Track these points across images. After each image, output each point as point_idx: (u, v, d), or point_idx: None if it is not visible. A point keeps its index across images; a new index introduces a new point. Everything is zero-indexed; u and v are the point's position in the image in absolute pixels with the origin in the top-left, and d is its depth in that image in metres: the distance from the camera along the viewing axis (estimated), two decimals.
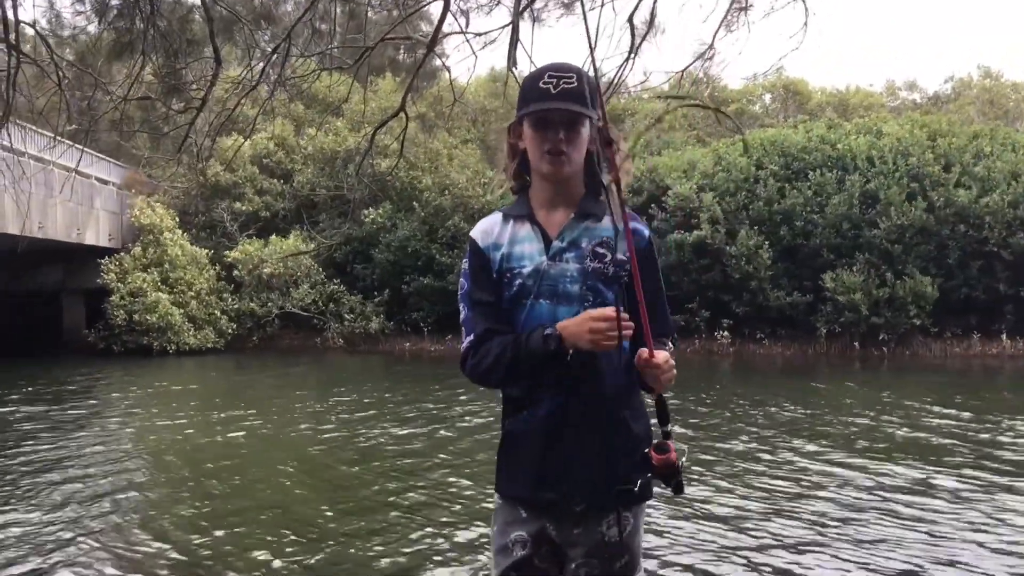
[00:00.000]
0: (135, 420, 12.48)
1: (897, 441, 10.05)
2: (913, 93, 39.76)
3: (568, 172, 2.42)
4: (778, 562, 5.55)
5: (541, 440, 2.39)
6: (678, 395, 13.36)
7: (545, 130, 2.39)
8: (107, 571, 5.56)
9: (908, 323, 21.22)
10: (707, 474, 8.18)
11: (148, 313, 22.74)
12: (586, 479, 2.35)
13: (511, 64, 6.30)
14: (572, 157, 2.40)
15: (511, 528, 2.48)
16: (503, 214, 2.53)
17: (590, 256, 2.38)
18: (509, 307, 2.44)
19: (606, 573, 2.38)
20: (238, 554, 5.89)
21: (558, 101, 2.36)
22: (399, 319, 25.15)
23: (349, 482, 8.31)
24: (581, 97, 2.36)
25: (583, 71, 2.45)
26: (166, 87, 5.73)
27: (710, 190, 22.89)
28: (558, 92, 2.37)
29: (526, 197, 2.51)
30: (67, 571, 5.55)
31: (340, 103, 15.41)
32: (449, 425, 11.52)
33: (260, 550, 5.97)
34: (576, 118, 2.37)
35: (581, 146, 2.40)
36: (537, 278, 2.40)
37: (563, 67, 2.42)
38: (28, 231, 19.11)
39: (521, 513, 2.46)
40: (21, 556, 5.87)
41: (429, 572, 5.48)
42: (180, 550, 6.01)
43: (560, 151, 2.38)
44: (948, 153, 22.41)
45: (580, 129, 2.39)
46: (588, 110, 2.37)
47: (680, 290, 22.45)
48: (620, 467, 2.34)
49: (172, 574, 5.54)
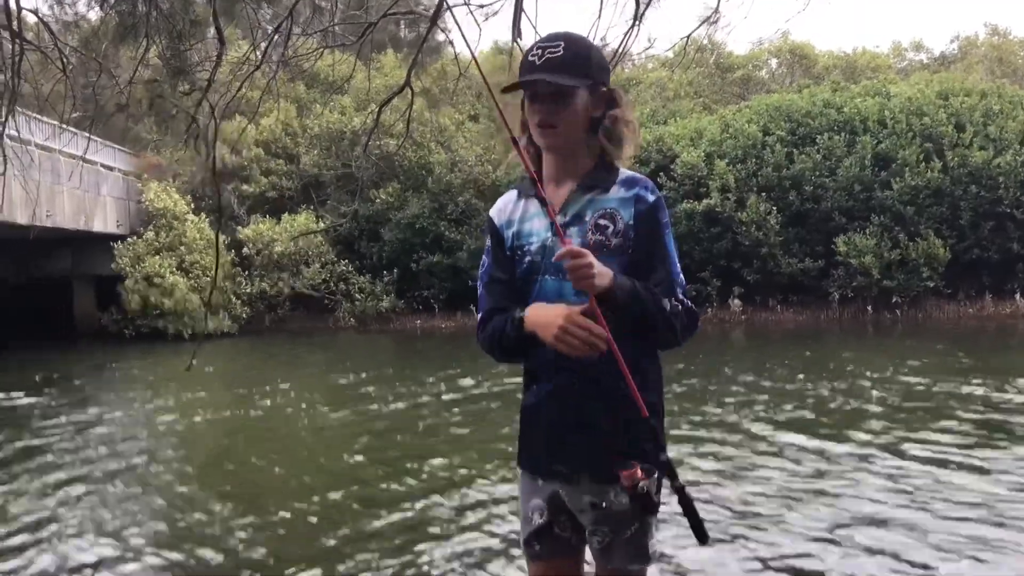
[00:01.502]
0: (156, 403, 12.52)
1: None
2: (920, 53, 39.39)
3: (559, 144, 2.38)
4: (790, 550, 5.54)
5: (548, 413, 2.40)
6: (690, 363, 13.35)
7: (534, 103, 2.35)
8: (130, 549, 5.57)
9: (921, 285, 21.13)
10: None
11: (164, 297, 22.76)
12: (592, 450, 2.34)
13: (515, 36, 6.21)
14: (561, 129, 2.35)
15: (530, 497, 2.51)
16: (517, 191, 2.52)
17: (592, 229, 2.34)
18: (522, 284, 2.43)
19: (616, 541, 2.38)
20: (264, 533, 5.91)
21: (540, 72, 2.31)
22: (409, 297, 25.14)
23: (366, 462, 8.32)
24: (566, 66, 2.30)
25: (575, 38, 2.40)
26: (171, 69, 5.69)
27: (718, 158, 22.76)
28: (542, 63, 2.32)
29: (537, 172, 2.46)
30: (88, 550, 5.57)
31: (344, 81, 15.29)
32: (464, 399, 11.53)
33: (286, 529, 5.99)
34: (561, 89, 2.31)
35: (572, 116, 2.34)
36: (544, 254, 2.38)
37: (552, 36, 2.38)
38: (37, 219, 19.14)
39: (538, 482, 2.49)
40: (42, 537, 5.89)
41: (462, 543, 5.48)
42: (200, 531, 6.04)
43: (547, 123, 2.34)
44: (960, 112, 22.22)
45: (568, 100, 2.32)
46: (574, 79, 2.31)
47: (691, 259, 22.37)
48: (623, 439, 2.32)
49: (194, 551, 5.55)
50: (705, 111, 28.05)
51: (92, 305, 24.90)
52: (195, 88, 5.71)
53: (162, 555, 5.53)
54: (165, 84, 5.81)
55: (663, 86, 29.45)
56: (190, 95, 5.67)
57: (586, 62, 2.34)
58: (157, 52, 5.62)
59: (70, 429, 10.37)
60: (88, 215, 22.74)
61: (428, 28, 6.57)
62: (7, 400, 13.00)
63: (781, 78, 34.87)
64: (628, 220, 2.34)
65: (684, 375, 12.49)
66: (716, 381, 12.39)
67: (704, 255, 22.49)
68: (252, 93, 8.38)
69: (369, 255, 25.42)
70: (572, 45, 2.35)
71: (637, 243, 2.34)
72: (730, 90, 32.94)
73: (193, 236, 24.26)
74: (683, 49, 7.01)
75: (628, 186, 2.38)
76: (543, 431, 2.42)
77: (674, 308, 2.31)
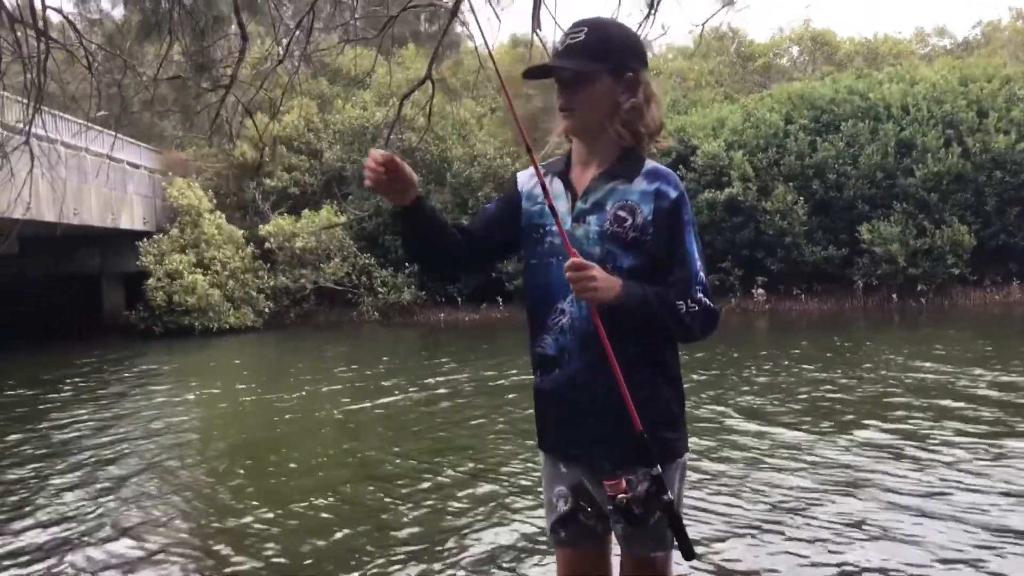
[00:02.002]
0: (183, 398, 12.63)
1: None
2: (943, 39, 39.00)
3: (576, 128, 2.40)
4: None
5: (556, 400, 2.41)
6: (715, 353, 13.34)
7: (557, 88, 2.38)
8: (155, 546, 5.65)
9: (946, 272, 20.98)
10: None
11: (187, 294, 22.99)
12: (611, 439, 2.34)
13: (535, 27, 6.23)
14: (579, 113, 2.36)
15: (553, 483, 2.51)
16: (544, 168, 2.49)
17: (612, 219, 2.34)
18: (539, 264, 2.43)
19: (639, 529, 2.36)
20: (304, 523, 5.99)
21: (560, 58, 2.34)
22: (432, 290, 25.23)
23: (399, 454, 8.39)
24: (586, 51, 2.31)
25: (601, 23, 2.41)
26: (195, 66, 5.76)
27: (739, 147, 22.66)
28: (563, 49, 2.35)
29: (569, 153, 2.49)
30: (125, 542, 5.67)
31: (366, 75, 15.38)
32: (489, 390, 11.59)
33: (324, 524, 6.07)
34: (579, 74, 2.33)
35: (589, 101, 2.35)
36: (561, 238, 2.35)
37: (578, 22, 2.38)
38: (64, 217, 19.35)
39: (561, 468, 2.48)
40: (79, 529, 6.00)
41: (495, 529, 5.54)
42: (225, 527, 6.12)
43: (565, 107, 2.36)
44: (981, 98, 22.00)
45: (585, 84, 2.33)
46: (591, 64, 2.31)
47: (713, 249, 22.31)
48: (632, 427, 2.26)
49: (220, 548, 5.63)
50: (727, 100, 27.92)
51: (121, 302, 25.18)
52: (219, 84, 5.78)
53: (187, 552, 5.58)
54: (189, 81, 5.88)
55: (683, 76, 29.31)
56: (214, 91, 5.74)
57: (607, 46, 2.34)
58: (181, 49, 5.69)
59: (93, 425, 10.47)
60: (115, 213, 22.97)
61: (448, 21, 6.59)
62: (32, 397, 13.18)
63: (803, 66, 34.63)
64: (647, 215, 2.32)
65: (706, 364, 12.50)
66: (738, 370, 12.37)
67: (726, 245, 22.42)
68: (274, 91, 8.45)
69: (393, 249, 25.50)
70: (595, 31, 2.35)
71: (656, 239, 2.32)
72: (751, 79, 32.76)
73: (212, 232, 24.46)
74: (699, 37, 7.01)
75: (651, 179, 2.35)
76: (553, 415, 2.43)
77: (690, 309, 2.28)
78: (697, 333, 2.33)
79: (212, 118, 6.09)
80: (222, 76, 5.93)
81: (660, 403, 2.36)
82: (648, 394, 2.30)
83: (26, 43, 5.55)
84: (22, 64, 5.27)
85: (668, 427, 2.36)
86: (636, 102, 2.36)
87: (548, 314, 2.40)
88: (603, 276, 2.22)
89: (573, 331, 2.35)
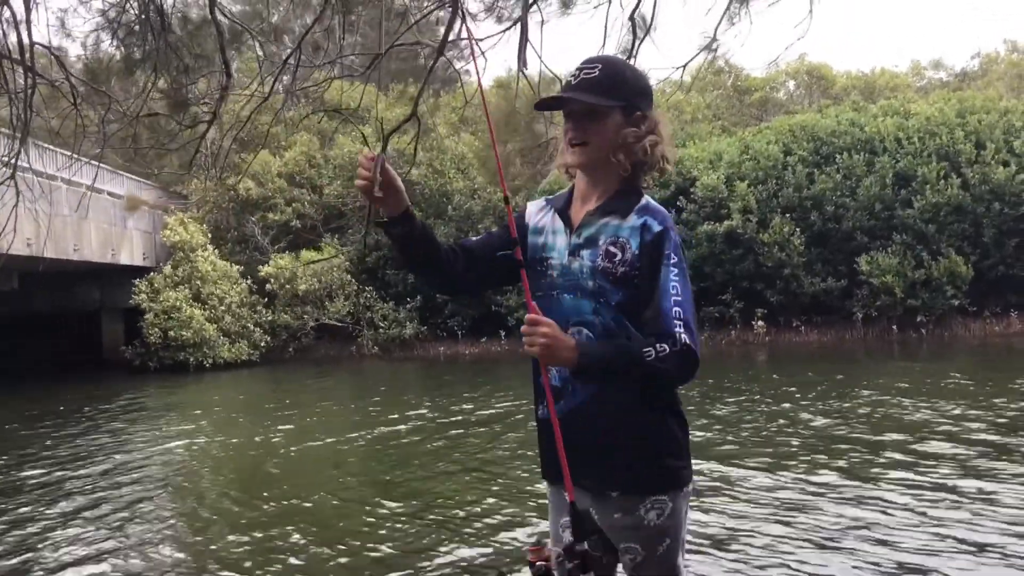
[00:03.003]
0: (179, 431, 12.58)
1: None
2: (939, 72, 39.17)
3: (586, 162, 2.43)
4: None
5: (569, 430, 2.37)
6: (712, 385, 13.29)
7: (567, 120, 2.43)
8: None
9: (946, 304, 20.93)
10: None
11: (183, 329, 22.99)
12: (616, 467, 2.36)
13: (521, 65, 6.29)
14: (588, 148, 2.40)
15: (560, 514, 2.53)
16: (546, 200, 2.58)
17: (603, 255, 2.37)
18: (541, 298, 2.43)
19: (648, 559, 2.38)
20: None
21: (574, 91, 2.39)
22: (433, 324, 25.20)
23: (399, 485, 8.34)
24: (600, 86, 2.36)
25: (614, 61, 2.51)
26: (173, 103, 5.79)
27: (738, 179, 22.71)
28: (577, 83, 2.39)
29: (572, 189, 2.54)
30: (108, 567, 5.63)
31: (362, 110, 15.50)
32: (492, 421, 11.54)
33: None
34: (593, 108, 2.37)
35: (602, 136, 2.38)
36: (561, 272, 2.42)
37: (592, 59, 2.45)
38: (63, 253, 19.43)
39: (566, 497, 2.46)
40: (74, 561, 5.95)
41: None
42: (223, 558, 6.08)
43: (577, 141, 2.40)
44: (979, 130, 22.07)
45: (599, 118, 2.38)
46: (605, 99, 2.36)
47: (713, 281, 22.33)
48: (637, 457, 2.33)
49: None
50: (724, 133, 28.03)
51: (120, 337, 25.18)
52: (199, 121, 5.82)
53: None
54: (170, 118, 5.91)
55: (680, 109, 29.42)
56: (194, 127, 5.78)
57: (620, 84, 2.39)
58: (166, 85, 5.74)
59: (92, 458, 10.49)
60: (115, 248, 23.06)
61: (435, 59, 6.69)
62: (30, 430, 13.17)
63: (799, 99, 34.79)
64: (635, 250, 2.34)
65: (709, 399, 12.45)
66: (741, 403, 12.31)
67: (726, 277, 22.42)
68: (273, 128, 8.49)
69: (394, 283, 25.51)
70: (609, 67, 2.41)
71: (641, 273, 2.33)
72: (748, 112, 32.91)
73: (206, 269, 24.49)
74: (681, 79, 7.09)
75: (641, 214, 2.38)
76: (568, 448, 2.38)
77: (660, 353, 2.23)
78: (673, 375, 2.29)
79: (192, 155, 6.13)
80: (203, 113, 5.97)
81: (664, 432, 2.38)
82: (652, 424, 2.35)
83: (13, 80, 5.60)
84: (8, 98, 5.32)
85: (673, 456, 2.38)
86: (645, 140, 2.40)
87: None
88: (555, 336, 2.22)
89: None
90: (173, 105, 5.81)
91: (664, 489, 2.35)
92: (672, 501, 2.35)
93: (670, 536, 2.37)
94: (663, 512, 2.35)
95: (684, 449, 2.42)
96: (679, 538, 2.40)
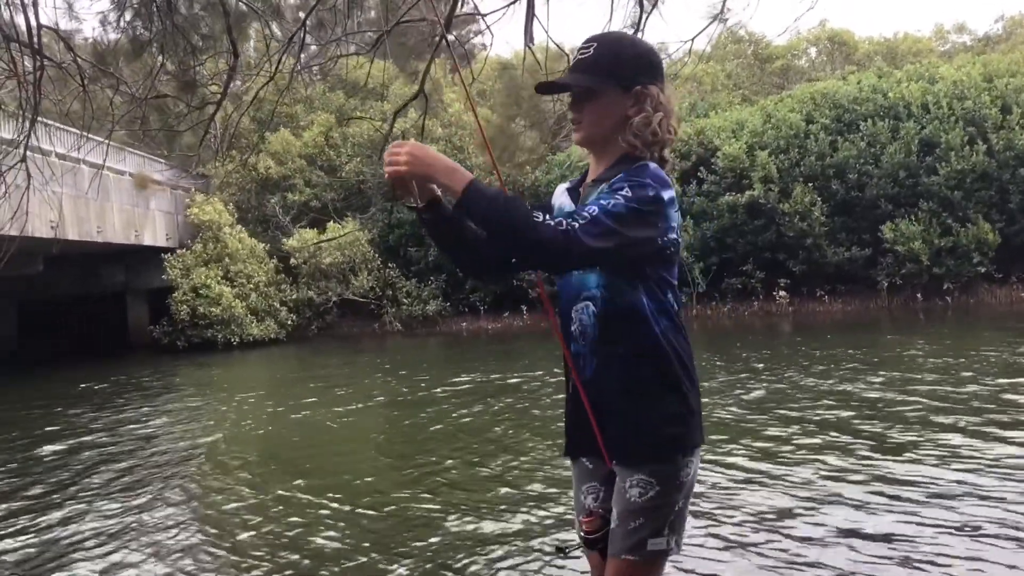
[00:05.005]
0: (209, 410, 12.69)
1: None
2: (963, 35, 38.53)
3: (583, 140, 2.46)
4: None
5: (579, 402, 2.43)
6: (736, 356, 13.20)
7: (570, 100, 2.46)
8: (186, 560, 5.67)
9: (972, 271, 20.74)
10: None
11: (212, 306, 23.19)
12: (617, 437, 2.38)
13: (528, 40, 6.26)
14: (585, 125, 2.42)
15: (580, 483, 2.57)
16: (571, 182, 2.60)
17: None
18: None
19: (618, 529, 2.38)
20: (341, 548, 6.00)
21: (570, 73, 2.43)
22: (455, 300, 25.27)
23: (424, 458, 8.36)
24: (592, 66, 2.38)
25: (610, 38, 2.50)
26: (181, 84, 5.81)
27: (760, 149, 22.50)
28: (574, 64, 2.42)
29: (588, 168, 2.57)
30: (144, 565, 5.68)
31: (383, 87, 15.51)
32: (515, 397, 11.58)
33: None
34: (585, 88, 2.38)
35: (594, 114, 2.40)
36: None
37: (590, 38, 2.45)
38: (87, 235, 19.61)
39: (588, 465, 2.53)
40: (109, 546, 6.02)
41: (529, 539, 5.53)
42: (254, 540, 6.12)
43: (574, 120, 2.44)
44: (1005, 94, 21.71)
45: (591, 98, 2.39)
46: (595, 79, 2.36)
47: (735, 252, 22.23)
48: (641, 425, 2.35)
49: (247, 561, 5.62)
50: (745, 102, 27.76)
51: (145, 317, 25.45)
52: (208, 102, 5.82)
53: (215, 567, 5.59)
54: (178, 100, 5.92)
55: (699, 80, 29.17)
56: (203, 109, 5.78)
57: (614, 61, 2.38)
58: (173, 67, 5.74)
59: (120, 439, 10.59)
60: (138, 229, 23.23)
61: (440, 37, 6.67)
62: (57, 411, 13.33)
63: (821, 66, 34.37)
64: None
65: (731, 370, 12.42)
66: (765, 375, 12.26)
67: (748, 247, 22.30)
68: (291, 108, 8.46)
69: (416, 260, 25.57)
70: (603, 46, 2.41)
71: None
72: (769, 80, 32.56)
73: (235, 246, 24.67)
74: (690, 51, 7.01)
75: (627, 175, 2.30)
76: (583, 420, 2.43)
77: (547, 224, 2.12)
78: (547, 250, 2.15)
79: (201, 136, 6.15)
80: (209, 95, 5.98)
81: (665, 400, 2.37)
82: (652, 392, 2.34)
83: (21, 62, 5.63)
84: (17, 81, 5.35)
85: (676, 422, 2.37)
86: (645, 115, 2.37)
87: (569, 322, 2.47)
88: (426, 151, 2.19)
89: (584, 336, 2.41)
90: (181, 86, 5.83)
91: (651, 463, 2.34)
92: (660, 484, 2.33)
93: (645, 518, 2.33)
94: (646, 492, 2.33)
95: (687, 414, 2.38)
96: (660, 523, 2.34)
